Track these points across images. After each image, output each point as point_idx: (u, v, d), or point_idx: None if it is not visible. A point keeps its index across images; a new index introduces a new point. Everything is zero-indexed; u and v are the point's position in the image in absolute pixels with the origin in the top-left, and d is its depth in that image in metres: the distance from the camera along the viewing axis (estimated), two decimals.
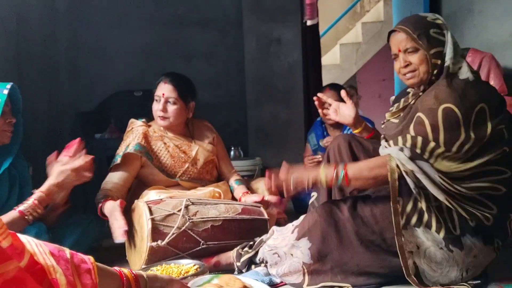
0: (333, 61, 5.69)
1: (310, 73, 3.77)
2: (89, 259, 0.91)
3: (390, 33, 1.53)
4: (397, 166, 1.36)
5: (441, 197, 1.35)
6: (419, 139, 1.34)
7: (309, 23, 3.80)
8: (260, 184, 2.16)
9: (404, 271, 1.37)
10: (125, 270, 1.01)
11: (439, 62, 1.45)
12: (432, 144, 1.33)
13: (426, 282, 1.39)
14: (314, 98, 1.80)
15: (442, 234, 1.37)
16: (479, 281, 1.42)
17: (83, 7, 3.68)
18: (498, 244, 1.42)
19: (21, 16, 2.75)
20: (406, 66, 1.48)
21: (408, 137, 1.37)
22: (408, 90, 1.65)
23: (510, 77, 2.25)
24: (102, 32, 3.71)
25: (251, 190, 2.10)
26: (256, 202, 1.91)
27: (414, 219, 1.37)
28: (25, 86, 2.66)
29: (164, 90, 2.00)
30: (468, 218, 1.37)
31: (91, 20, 3.72)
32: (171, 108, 2.01)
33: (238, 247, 1.68)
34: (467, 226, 1.38)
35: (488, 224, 1.38)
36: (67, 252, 0.88)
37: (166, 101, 2.00)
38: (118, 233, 1.64)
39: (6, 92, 1.59)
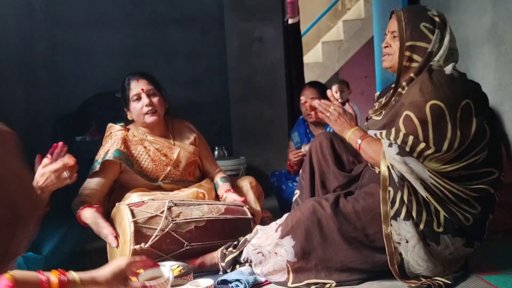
0: (316, 59, 5.72)
1: (292, 71, 3.78)
2: (4, 276, 0.87)
3: (392, 13, 1.57)
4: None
5: (423, 193, 1.36)
6: (410, 138, 1.35)
7: (290, 21, 3.81)
8: (245, 183, 2.16)
9: (389, 260, 1.39)
10: (52, 277, 0.96)
11: (416, 57, 1.46)
12: (422, 145, 1.34)
13: (408, 274, 1.41)
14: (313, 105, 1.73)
15: (421, 226, 1.38)
16: (459, 274, 1.44)
17: (60, 7, 3.60)
18: (477, 245, 1.45)
19: None
20: (386, 47, 1.55)
21: (400, 134, 1.37)
22: (392, 86, 1.66)
23: (487, 73, 2.30)
24: (80, 33, 3.64)
25: (236, 188, 2.10)
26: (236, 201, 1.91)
27: (403, 212, 1.38)
28: (2, 90, 2.60)
29: (141, 85, 1.98)
30: (448, 217, 1.38)
31: (69, 21, 3.65)
32: (155, 100, 2.00)
33: (222, 247, 1.67)
34: (451, 226, 1.39)
35: (467, 224, 1.39)
36: None
37: (148, 95, 1.98)
38: (110, 239, 1.64)
39: None
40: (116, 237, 1.64)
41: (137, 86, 1.98)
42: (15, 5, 2.98)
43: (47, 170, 1.55)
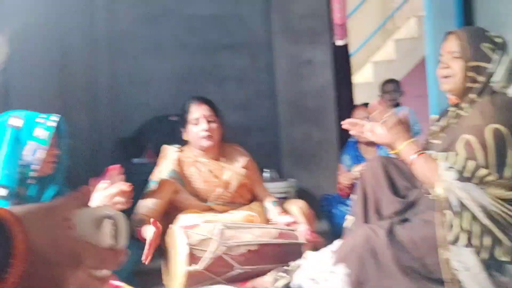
0: (366, 79, 5.65)
1: (342, 93, 3.76)
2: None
3: (447, 34, 1.53)
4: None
5: (484, 221, 1.30)
6: (470, 163, 1.30)
7: (339, 43, 3.81)
8: (294, 207, 2.14)
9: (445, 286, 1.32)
10: None
11: (479, 78, 1.42)
12: (483, 171, 1.29)
13: None
14: (342, 123, 1.75)
15: (484, 255, 1.30)
16: None
17: (120, 37, 3.85)
18: None
19: (64, 48, 2.91)
20: (444, 68, 1.49)
21: (459, 158, 1.33)
22: (449, 109, 1.61)
23: None
24: (138, 60, 3.86)
25: (286, 212, 2.09)
26: (287, 223, 1.90)
27: (463, 238, 1.31)
28: (68, 115, 2.79)
29: (203, 111, 2.04)
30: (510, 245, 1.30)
31: (128, 49, 3.88)
32: (214, 126, 2.05)
33: (273, 272, 1.67)
34: None
35: None
36: None
37: (208, 121, 2.03)
38: (143, 257, 1.66)
39: (54, 124, 1.60)
40: (149, 257, 1.65)
41: (198, 110, 2.05)
42: (80, 37, 3.23)
43: (103, 196, 1.53)
